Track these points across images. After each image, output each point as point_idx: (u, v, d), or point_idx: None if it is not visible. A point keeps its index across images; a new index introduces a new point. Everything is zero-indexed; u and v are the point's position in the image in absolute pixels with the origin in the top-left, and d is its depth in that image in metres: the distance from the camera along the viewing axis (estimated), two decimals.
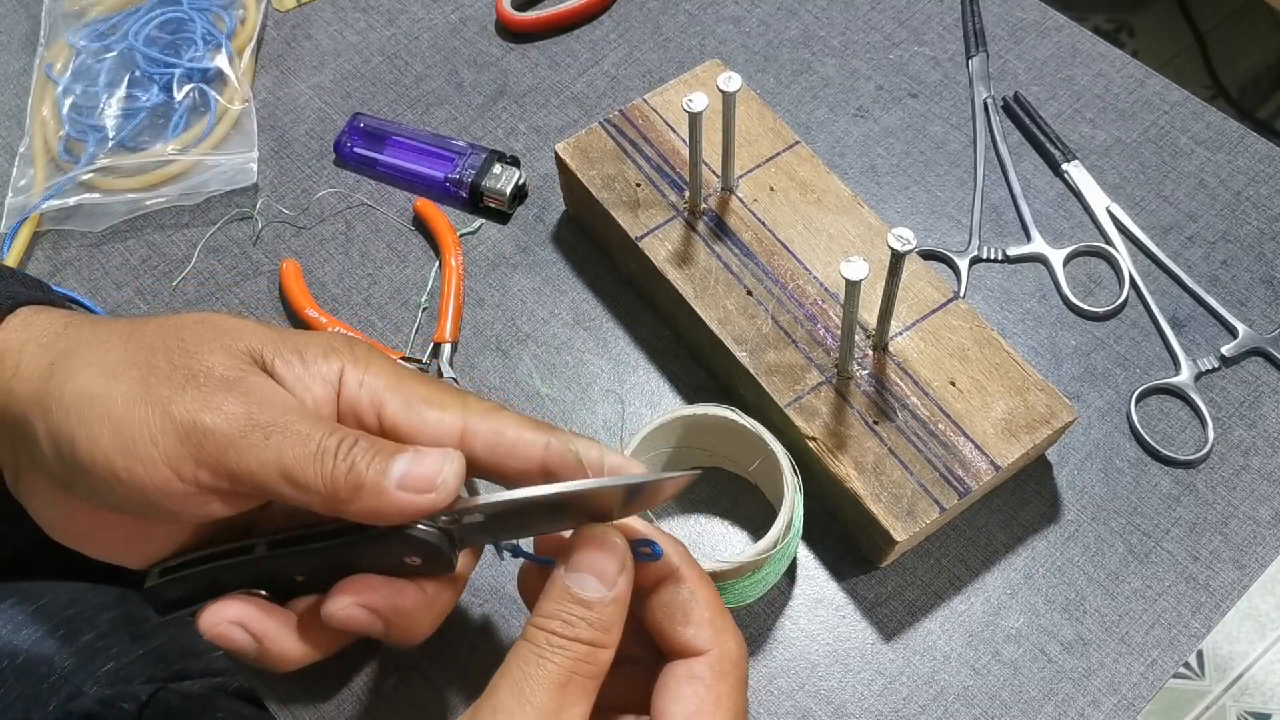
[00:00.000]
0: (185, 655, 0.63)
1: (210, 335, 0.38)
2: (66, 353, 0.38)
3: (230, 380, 0.37)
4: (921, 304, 0.53)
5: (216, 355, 0.37)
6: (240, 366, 0.38)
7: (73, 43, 0.67)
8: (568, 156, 0.58)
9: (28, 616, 0.60)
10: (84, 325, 0.39)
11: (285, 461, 0.36)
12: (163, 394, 0.36)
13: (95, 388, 0.36)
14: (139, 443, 0.36)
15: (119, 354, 0.37)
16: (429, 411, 0.39)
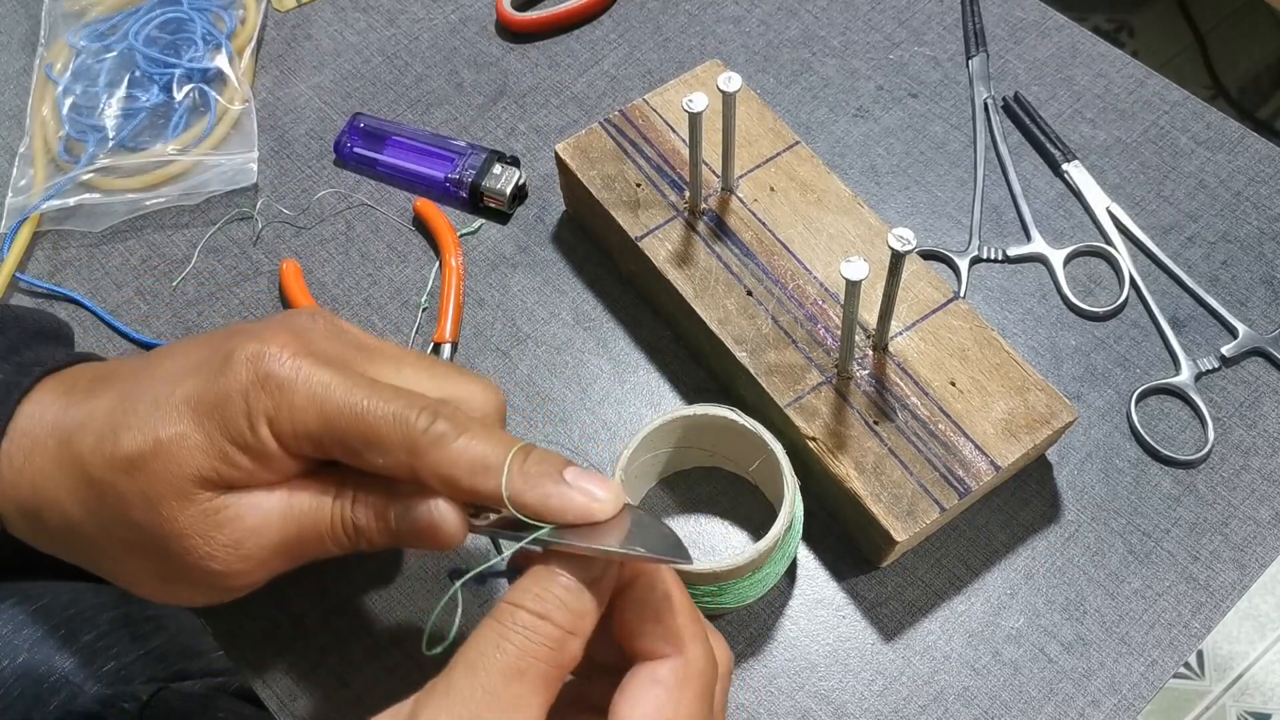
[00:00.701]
0: (186, 655, 0.63)
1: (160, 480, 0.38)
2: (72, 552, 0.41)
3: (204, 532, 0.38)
4: (922, 304, 0.53)
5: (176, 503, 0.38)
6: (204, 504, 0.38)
7: (73, 43, 0.66)
8: (568, 156, 0.58)
9: (28, 616, 0.60)
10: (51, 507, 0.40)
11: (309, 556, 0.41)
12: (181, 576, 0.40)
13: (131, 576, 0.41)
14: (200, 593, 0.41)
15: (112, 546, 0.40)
16: (371, 456, 0.38)
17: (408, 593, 0.52)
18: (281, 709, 0.50)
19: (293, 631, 0.51)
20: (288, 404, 0.37)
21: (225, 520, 0.38)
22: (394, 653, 0.51)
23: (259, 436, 0.37)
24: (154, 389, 0.39)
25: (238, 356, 0.38)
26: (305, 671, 0.51)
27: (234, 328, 0.41)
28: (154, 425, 0.38)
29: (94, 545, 0.40)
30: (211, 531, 0.38)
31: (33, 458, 0.40)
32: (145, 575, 0.40)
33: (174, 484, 0.37)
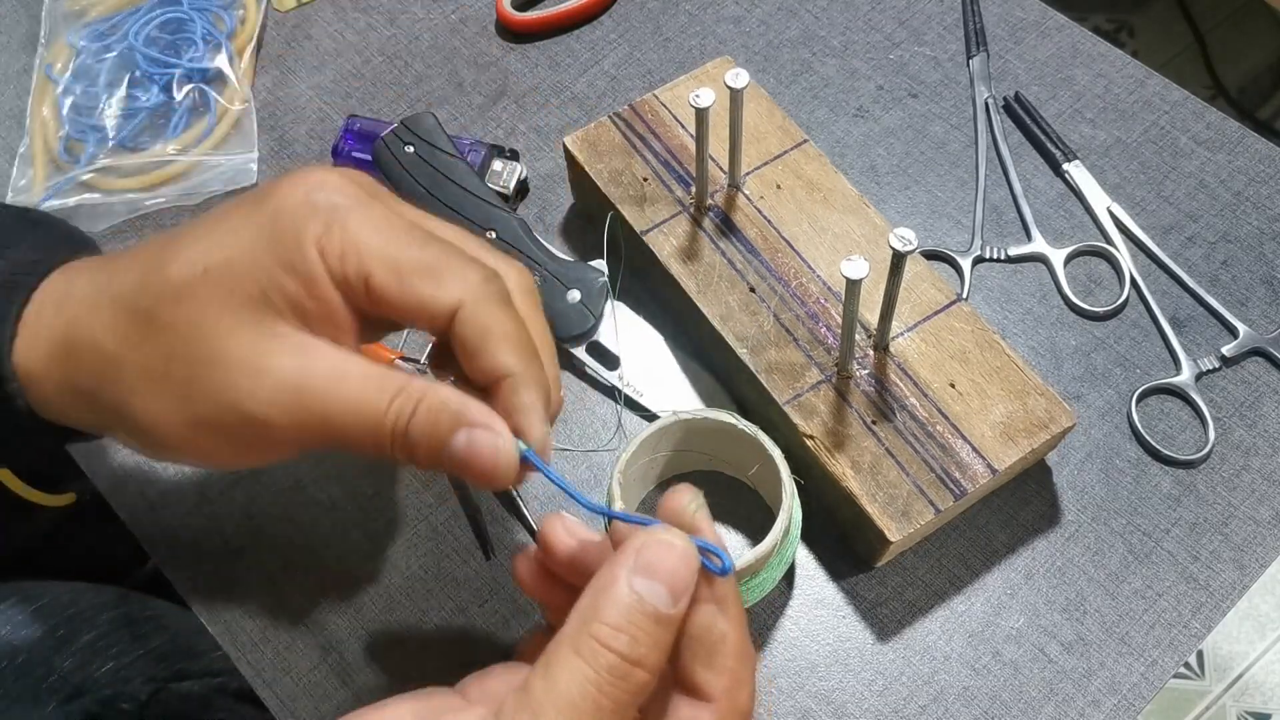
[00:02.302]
0: (185, 655, 0.63)
1: (212, 321, 0.36)
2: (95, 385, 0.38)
3: (260, 372, 0.35)
4: (924, 305, 0.53)
5: (233, 345, 0.35)
6: (262, 340, 0.36)
7: (73, 43, 0.66)
8: (576, 149, 0.58)
9: (27, 616, 0.60)
10: (84, 338, 0.38)
11: (348, 440, 0.36)
12: (208, 413, 0.36)
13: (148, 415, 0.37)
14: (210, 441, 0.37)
15: (144, 378, 0.37)
16: (421, 285, 0.36)
17: (408, 593, 0.52)
18: (281, 709, 0.50)
19: (293, 632, 0.51)
20: (339, 225, 0.36)
21: (274, 358, 0.36)
22: (394, 652, 0.51)
23: (305, 257, 0.36)
24: (199, 228, 0.37)
25: (287, 182, 0.37)
26: (305, 671, 0.51)
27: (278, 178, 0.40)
28: (203, 254, 0.36)
29: (126, 385, 0.37)
30: (258, 364, 0.35)
31: (66, 305, 0.38)
32: (173, 419, 0.37)
33: (224, 309, 0.36)
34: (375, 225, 0.37)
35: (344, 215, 0.36)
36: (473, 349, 0.37)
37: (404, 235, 0.37)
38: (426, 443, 0.36)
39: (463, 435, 0.36)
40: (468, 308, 0.36)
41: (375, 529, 0.54)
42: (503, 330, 0.37)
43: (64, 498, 0.67)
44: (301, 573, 0.53)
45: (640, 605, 0.31)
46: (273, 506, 0.55)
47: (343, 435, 0.36)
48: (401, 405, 0.36)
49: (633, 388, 0.56)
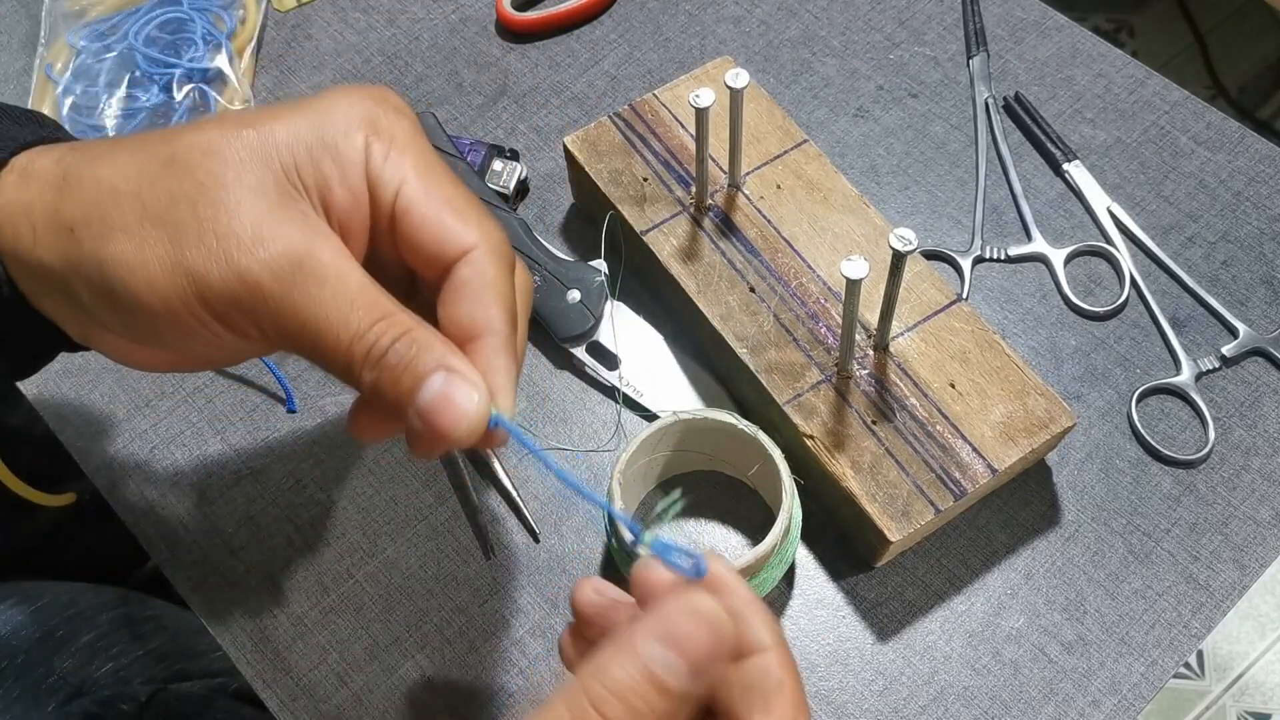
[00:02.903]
0: (185, 656, 0.63)
1: (234, 174, 0.34)
2: (84, 215, 0.35)
3: (261, 242, 0.34)
4: (924, 305, 0.53)
5: (245, 204, 0.34)
6: (274, 211, 0.34)
7: (73, 43, 0.66)
8: (576, 149, 0.58)
9: (27, 617, 0.60)
10: (86, 171, 0.36)
11: (318, 349, 0.34)
12: (197, 264, 0.34)
13: (130, 256, 0.34)
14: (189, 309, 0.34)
15: (140, 212, 0.34)
16: (447, 215, 0.36)
17: (408, 593, 0.52)
18: (282, 709, 0.50)
19: (293, 632, 0.51)
20: (392, 131, 0.36)
21: (285, 227, 0.34)
22: (394, 652, 0.51)
23: (351, 143, 0.35)
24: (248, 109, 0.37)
25: (350, 86, 0.37)
26: (305, 671, 0.51)
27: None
28: (246, 120, 0.35)
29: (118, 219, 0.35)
30: (268, 227, 0.34)
31: (71, 153, 0.36)
32: (156, 264, 0.34)
33: (251, 168, 0.34)
34: (422, 148, 0.37)
35: (397, 128, 0.36)
36: (470, 296, 0.36)
37: (442, 170, 0.37)
38: (398, 375, 0.34)
39: (439, 379, 0.34)
40: (480, 254, 0.36)
41: (375, 529, 0.54)
42: (502, 289, 0.37)
43: (64, 498, 0.67)
44: (301, 573, 0.53)
45: (648, 674, 0.29)
46: (273, 506, 0.55)
47: (317, 337, 0.34)
48: (386, 328, 0.34)
49: (633, 388, 0.56)
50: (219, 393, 0.58)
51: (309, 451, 0.56)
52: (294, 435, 0.56)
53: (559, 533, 0.53)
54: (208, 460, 0.56)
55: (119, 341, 0.38)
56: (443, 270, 0.37)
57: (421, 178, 0.36)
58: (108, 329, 0.37)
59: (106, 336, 0.38)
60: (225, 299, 0.34)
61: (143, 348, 0.38)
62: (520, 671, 0.50)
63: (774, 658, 0.32)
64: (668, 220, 0.56)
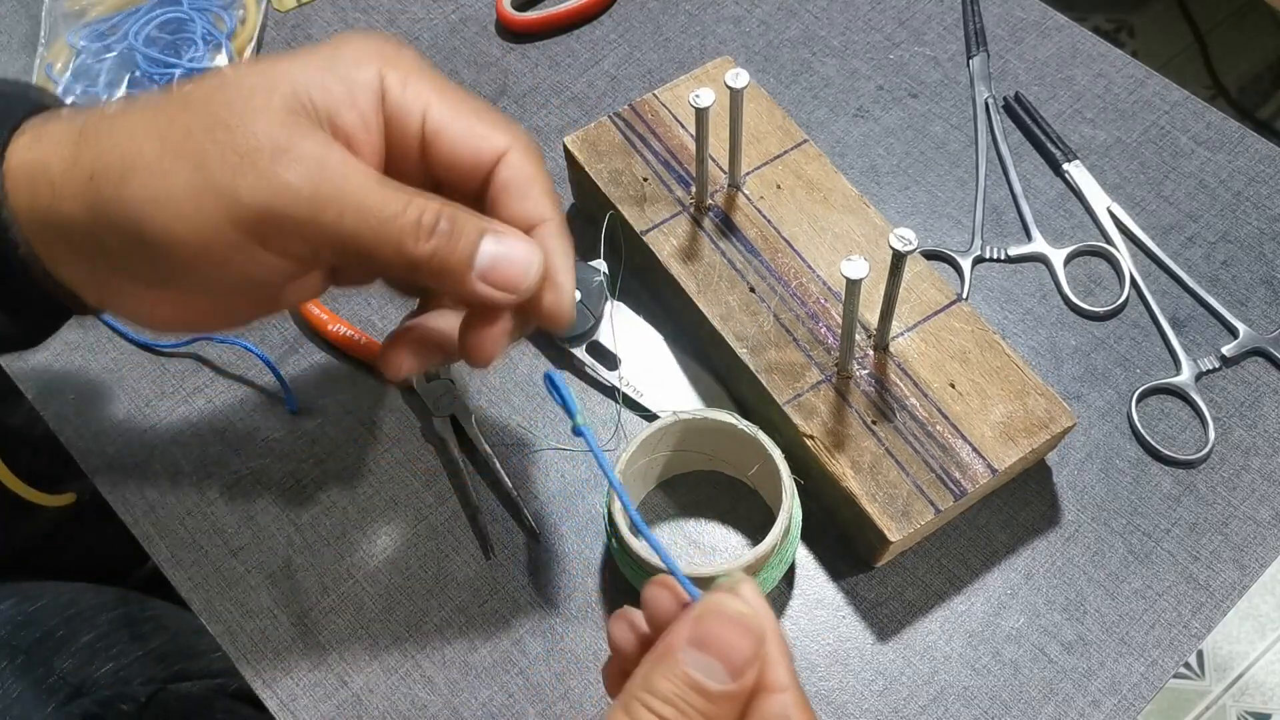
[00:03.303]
0: (185, 656, 0.63)
1: (244, 99, 0.35)
2: (103, 161, 0.35)
3: (282, 150, 0.34)
4: (924, 305, 0.53)
5: (259, 122, 0.34)
6: (287, 126, 0.34)
7: (73, 43, 0.66)
8: (576, 149, 0.58)
9: (27, 617, 0.60)
10: (103, 124, 0.36)
11: (363, 240, 0.34)
12: (223, 183, 0.34)
13: (154, 190, 0.34)
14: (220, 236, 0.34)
15: (159, 148, 0.34)
16: (477, 125, 0.38)
17: (408, 593, 0.52)
18: (282, 709, 0.50)
19: (293, 631, 0.51)
20: (406, 64, 0.37)
21: (302, 141, 0.34)
22: (394, 653, 0.51)
23: (361, 73, 0.36)
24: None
25: (364, 34, 0.38)
26: (305, 671, 0.51)
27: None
28: (255, 61, 0.36)
29: (139, 159, 0.34)
30: (287, 143, 0.34)
31: (86, 111, 0.37)
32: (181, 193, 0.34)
33: (259, 95, 0.35)
34: (435, 76, 0.38)
35: (410, 59, 0.38)
36: (517, 193, 0.38)
37: (459, 89, 0.38)
38: (456, 243, 0.35)
39: (490, 241, 0.36)
40: (515, 153, 0.38)
41: (375, 529, 0.54)
42: (545, 182, 0.38)
43: (64, 498, 0.67)
44: (301, 573, 0.53)
45: (691, 681, 0.30)
46: (273, 506, 0.55)
47: (358, 227, 0.34)
48: (423, 205, 0.35)
49: (633, 388, 0.56)
50: (219, 393, 0.58)
51: (309, 451, 0.56)
52: (294, 435, 0.56)
53: (559, 533, 0.53)
54: (208, 460, 0.56)
55: (144, 296, 0.38)
56: (482, 178, 0.38)
57: (443, 97, 0.37)
58: (136, 280, 0.37)
59: (130, 291, 0.37)
60: (258, 213, 0.34)
61: (167, 299, 0.38)
62: (520, 671, 0.50)
63: (791, 699, 0.32)
64: (668, 220, 0.56)
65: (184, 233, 0.34)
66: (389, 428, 0.56)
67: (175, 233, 0.34)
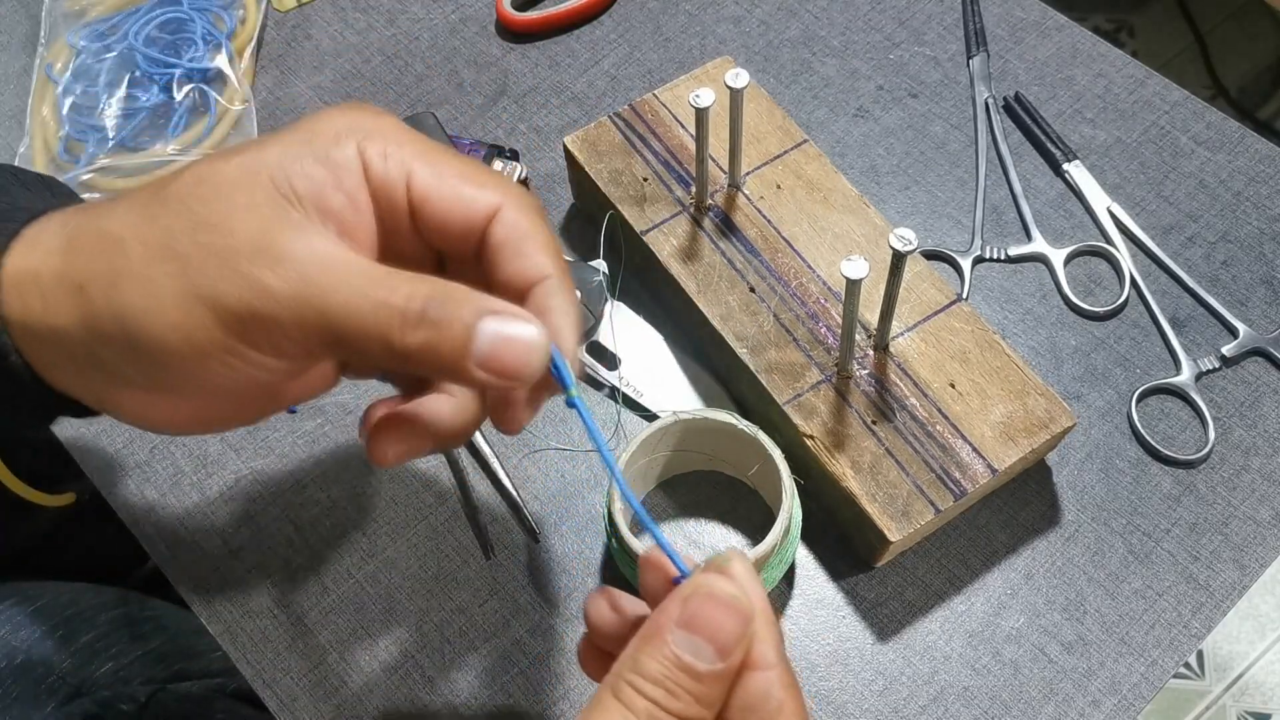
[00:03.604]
0: (185, 656, 0.63)
1: (224, 196, 0.34)
2: (91, 270, 0.35)
3: (260, 251, 0.33)
4: (924, 305, 0.53)
5: (239, 221, 0.33)
6: (270, 222, 0.34)
7: (73, 43, 0.66)
8: (576, 149, 0.58)
9: (27, 617, 0.60)
10: (89, 227, 0.35)
11: (351, 336, 0.33)
12: (206, 287, 0.33)
13: (143, 299, 0.33)
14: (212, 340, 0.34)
15: (144, 253, 0.34)
16: (463, 186, 0.36)
17: (408, 593, 0.52)
18: (281, 709, 0.50)
19: (293, 631, 0.51)
20: (383, 134, 0.36)
21: (287, 235, 0.33)
22: (394, 652, 0.51)
23: (342, 153, 0.35)
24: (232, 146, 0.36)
25: (329, 108, 0.37)
26: (305, 671, 0.51)
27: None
28: (230, 153, 0.35)
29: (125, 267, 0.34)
30: (270, 238, 0.33)
31: (73, 217, 0.36)
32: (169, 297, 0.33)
33: (242, 189, 0.34)
34: (415, 139, 0.37)
35: (387, 127, 0.36)
36: (514, 250, 0.36)
37: (443, 151, 0.37)
38: (448, 331, 0.33)
39: (490, 322, 0.33)
40: (508, 210, 0.36)
41: (375, 529, 0.54)
42: (542, 236, 0.36)
43: (64, 498, 0.67)
44: (301, 573, 0.53)
45: (679, 662, 0.31)
46: (273, 506, 0.55)
47: (344, 329, 0.33)
48: (414, 290, 0.33)
49: (633, 388, 0.56)
50: None
51: (309, 451, 0.56)
52: (294, 435, 0.56)
53: (559, 533, 0.53)
54: (208, 460, 0.56)
55: (144, 400, 0.37)
56: (476, 241, 0.36)
57: (427, 162, 0.36)
58: (133, 386, 0.36)
59: (129, 396, 0.37)
60: (244, 316, 0.33)
61: (169, 402, 0.37)
62: (520, 671, 0.50)
63: (776, 676, 0.32)
64: (668, 220, 0.56)
65: (176, 341, 0.33)
66: None
67: (168, 341, 0.33)
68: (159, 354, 0.34)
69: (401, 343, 0.33)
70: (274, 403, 0.39)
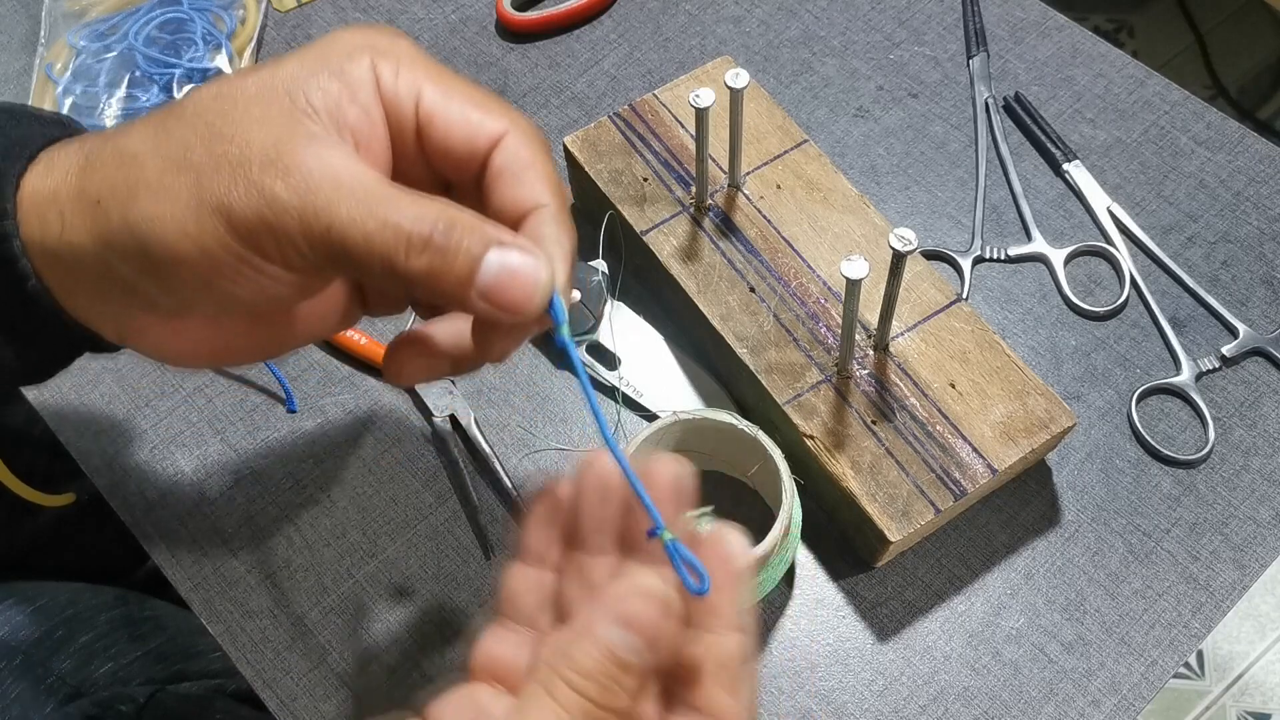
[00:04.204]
0: (184, 656, 0.63)
1: (241, 108, 0.34)
2: (108, 185, 0.35)
3: (270, 161, 0.33)
4: (924, 305, 0.53)
5: (254, 132, 0.34)
6: (284, 133, 0.34)
7: (73, 43, 0.66)
8: (576, 149, 0.58)
9: (26, 617, 0.60)
10: (106, 146, 0.36)
11: (356, 254, 0.33)
12: (218, 195, 0.33)
13: (157, 209, 0.34)
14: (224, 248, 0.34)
15: (160, 165, 0.34)
16: (470, 109, 0.36)
17: (408, 593, 0.52)
18: (281, 709, 0.50)
19: (293, 632, 0.51)
20: (396, 51, 0.36)
21: (300, 145, 0.33)
22: (394, 653, 0.51)
23: (356, 65, 0.35)
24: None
25: (351, 27, 0.37)
26: (305, 671, 0.51)
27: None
28: (247, 71, 0.36)
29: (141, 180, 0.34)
30: (284, 147, 0.33)
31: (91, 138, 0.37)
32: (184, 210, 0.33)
33: (257, 102, 0.34)
34: (428, 61, 0.37)
35: (401, 47, 0.36)
36: (513, 177, 0.36)
37: (454, 75, 0.37)
38: (451, 259, 0.33)
39: (495, 254, 0.33)
40: (512, 137, 0.36)
41: (375, 529, 0.54)
42: (542, 166, 0.36)
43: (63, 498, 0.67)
44: (301, 573, 0.53)
45: (611, 656, 0.31)
46: (272, 506, 0.55)
47: (349, 245, 0.33)
48: (422, 213, 0.33)
49: (633, 388, 0.56)
50: (219, 393, 0.58)
51: (309, 451, 0.56)
52: (294, 435, 0.56)
53: None
54: (208, 460, 0.56)
55: (161, 327, 0.37)
56: (479, 166, 0.36)
57: (437, 83, 0.36)
58: (151, 308, 0.36)
59: (148, 323, 0.37)
60: (253, 224, 0.33)
61: (185, 329, 0.37)
62: None
63: (744, 642, 0.34)
64: (668, 220, 0.56)
65: (189, 249, 0.34)
66: (389, 428, 0.56)
67: (180, 250, 0.34)
68: (172, 264, 0.34)
69: (405, 265, 0.33)
70: (288, 330, 0.39)
